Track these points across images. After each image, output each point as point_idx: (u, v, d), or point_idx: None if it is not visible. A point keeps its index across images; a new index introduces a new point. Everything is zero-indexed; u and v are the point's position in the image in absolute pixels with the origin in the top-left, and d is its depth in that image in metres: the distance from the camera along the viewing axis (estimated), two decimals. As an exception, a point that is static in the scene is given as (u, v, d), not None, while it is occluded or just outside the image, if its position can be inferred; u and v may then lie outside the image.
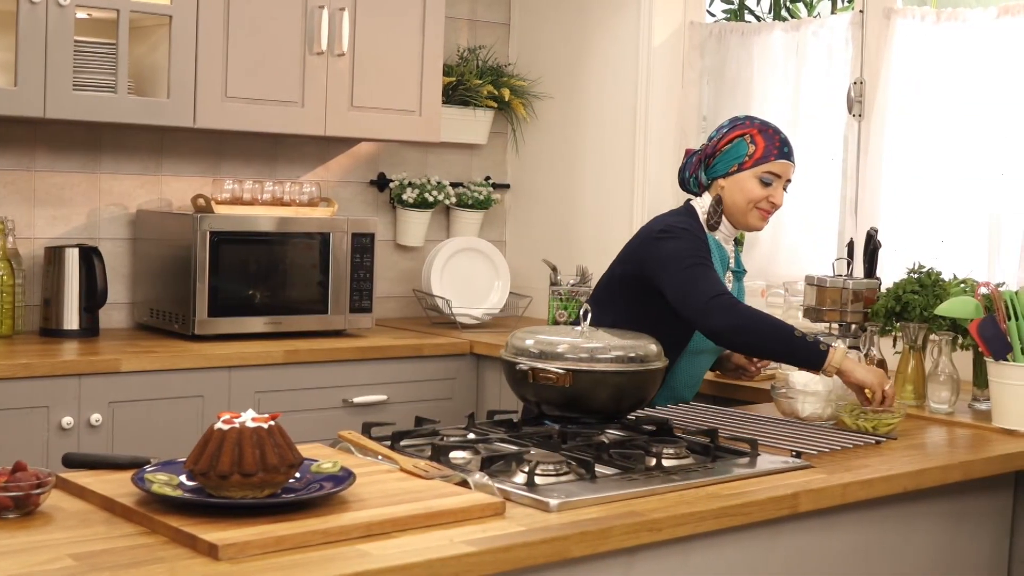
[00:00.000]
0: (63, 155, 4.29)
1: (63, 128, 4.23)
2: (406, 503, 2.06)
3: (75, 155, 4.31)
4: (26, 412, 3.58)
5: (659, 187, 4.82)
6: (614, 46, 4.93)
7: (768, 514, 2.31)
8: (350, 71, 4.42)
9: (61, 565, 1.76)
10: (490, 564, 1.92)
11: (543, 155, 5.24)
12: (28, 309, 4.17)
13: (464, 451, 2.44)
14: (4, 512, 1.98)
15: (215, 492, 2.00)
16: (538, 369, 2.71)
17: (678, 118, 4.84)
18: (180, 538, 1.87)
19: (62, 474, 2.20)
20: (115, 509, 2.03)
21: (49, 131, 4.24)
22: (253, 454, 1.98)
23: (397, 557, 1.84)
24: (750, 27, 4.73)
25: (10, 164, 4.19)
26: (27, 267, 4.18)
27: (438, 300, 4.75)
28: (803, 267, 4.12)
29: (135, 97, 4.04)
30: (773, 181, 3.20)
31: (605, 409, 2.76)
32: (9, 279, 4.03)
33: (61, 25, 3.82)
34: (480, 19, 5.27)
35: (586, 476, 2.32)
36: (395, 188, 4.95)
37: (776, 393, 3.08)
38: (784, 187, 3.24)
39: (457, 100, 5.01)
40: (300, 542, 1.87)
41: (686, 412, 3.10)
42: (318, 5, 4.32)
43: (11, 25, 3.78)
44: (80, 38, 3.91)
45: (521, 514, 2.10)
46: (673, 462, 2.46)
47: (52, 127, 4.21)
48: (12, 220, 4.11)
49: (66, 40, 3.83)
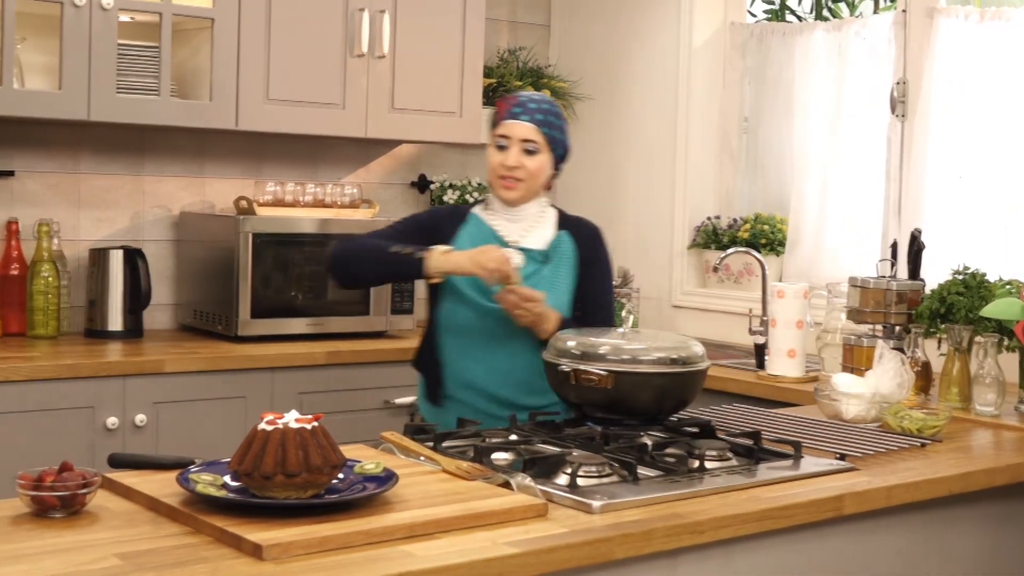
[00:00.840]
0: (107, 158, 4.32)
1: (107, 131, 4.26)
2: (449, 504, 2.07)
3: (119, 158, 4.34)
4: (72, 412, 3.61)
5: (700, 188, 4.81)
6: (655, 47, 4.92)
7: (812, 517, 2.30)
8: (391, 73, 4.43)
9: (107, 564, 1.77)
10: (533, 566, 1.91)
11: (583, 157, 5.23)
12: (73, 310, 4.21)
13: (506, 452, 2.44)
14: (51, 511, 1.99)
15: (259, 492, 2.01)
16: (580, 370, 2.71)
17: (719, 119, 4.82)
18: (224, 538, 1.88)
19: (108, 474, 2.21)
20: (160, 509, 2.04)
21: (93, 134, 4.27)
22: (297, 455, 1.99)
23: (440, 558, 1.84)
24: (792, 27, 4.71)
25: (55, 167, 4.22)
26: (72, 269, 4.22)
27: (479, 301, 4.74)
28: (846, 268, 4.09)
29: (178, 100, 4.07)
30: (506, 143, 3.03)
31: (647, 411, 2.75)
32: (55, 281, 4.06)
33: (105, 29, 3.85)
34: (520, 20, 5.27)
35: (628, 478, 2.31)
36: (436, 190, 4.95)
37: (820, 395, 3.06)
38: (526, 150, 3.02)
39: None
40: (344, 543, 1.88)
41: (729, 414, 3.09)
42: (359, 7, 4.33)
43: (55, 29, 3.81)
44: (123, 41, 3.94)
45: (563, 516, 2.10)
46: (716, 464, 2.45)
47: (96, 130, 4.24)
48: (57, 222, 4.15)
49: (110, 44, 3.86)
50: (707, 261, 4.75)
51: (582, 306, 3.07)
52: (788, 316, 3.70)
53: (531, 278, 2.99)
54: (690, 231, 4.81)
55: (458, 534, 1.96)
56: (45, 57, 3.98)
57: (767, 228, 4.58)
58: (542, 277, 3.03)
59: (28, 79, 3.98)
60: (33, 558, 1.79)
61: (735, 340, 4.48)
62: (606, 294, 3.16)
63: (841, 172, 4.39)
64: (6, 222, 4.11)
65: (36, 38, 3.97)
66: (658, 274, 4.89)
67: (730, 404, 3.35)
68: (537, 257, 3.05)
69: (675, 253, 4.84)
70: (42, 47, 3.98)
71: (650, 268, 4.89)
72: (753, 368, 3.92)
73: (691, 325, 4.67)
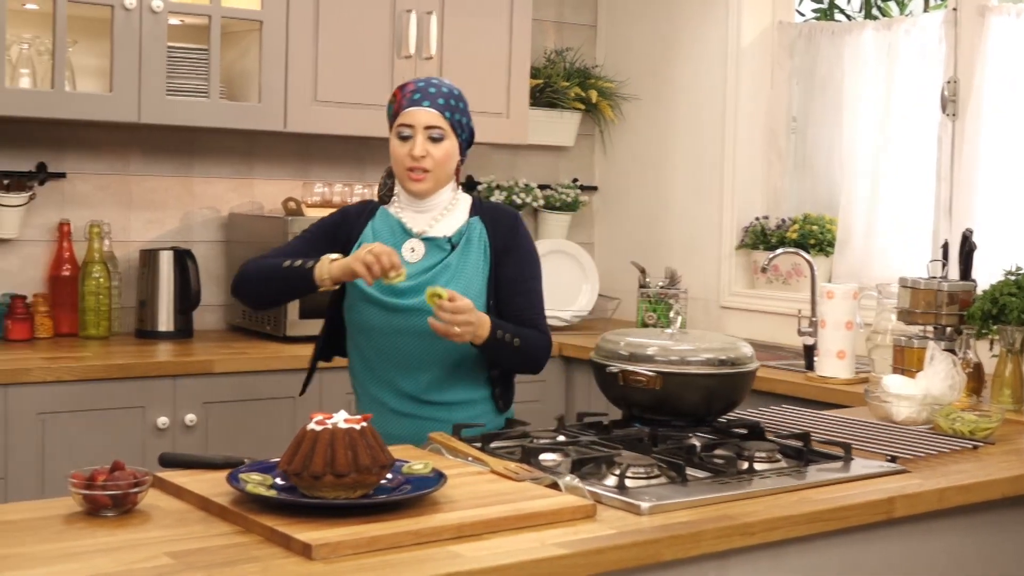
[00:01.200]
0: (157, 159, 4.36)
1: (157, 133, 4.30)
2: (497, 505, 2.07)
3: (168, 159, 4.38)
4: (123, 412, 3.64)
5: (748, 188, 4.79)
6: (702, 47, 4.90)
7: (863, 519, 2.28)
8: (438, 74, 4.44)
9: (158, 563, 1.78)
10: (581, 567, 1.91)
11: (631, 157, 5.22)
12: (124, 311, 4.24)
13: (554, 453, 2.44)
14: (103, 510, 2.01)
15: (308, 492, 2.01)
16: (628, 371, 2.70)
17: (767, 119, 4.80)
18: (274, 538, 1.89)
19: (159, 473, 2.23)
20: (211, 508, 2.05)
21: (143, 136, 4.30)
22: (346, 455, 2.00)
23: (489, 559, 1.84)
24: (840, 26, 4.68)
25: (106, 168, 4.26)
26: (123, 270, 4.25)
27: (526, 302, 4.74)
28: (897, 269, 4.06)
29: (227, 102, 4.09)
30: (409, 132, 2.86)
31: (695, 412, 2.73)
32: (106, 281, 4.10)
33: (155, 31, 3.88)
34: (567, 21, 5.27)
35: (677, 479, 2.30)
36: (483, 190, 4.96)
37: (870, 397, 3.04)
38: (431, 137, 2.85)
39: (544, 102, 5.01)
40: (392, 543, 1.88)
41: (778, 415, 3.07)
42: (406, 9, 4.34)
43: (106, 32, 3.84)
44: (173, 44, 3.97)
45: (612, 517, 2.09)
46: (765, 465, 2.44)
47: (146, 132, 4.27)
48: (108, 223, 4.18)
49: (159, 46, 3.89)
50: (755, 262, 4.73)
51: (499, 294, 2.92)
52: (838, 317, 3.67)
53: (436, 266, 2.87)
54: (738, 232, 4.79)
55: (506, 535, 1.96)
56: (96, 60, 4.02)
57: (816, 228, 4.55)
58: (447, 265, 2.88)
59: (80, 82, 4.02)
60: (85, 556, 1.81)
61: (783, 341, 4.46)
62: (527, 280, 2.96)
63: (891, 172, 4.35)
64: (58, 223, 4.15)
65: (87, 41, 4.01)
66: (706, 275, 4.87)
67: (779, 405, 3.34)
68: (443, 244, 2.90)
69: (723, 254, 4.82)
70: (93, 50, 4.02)
71: (698, 269, 4.87)
72: (802, 369, 3.90)
73: (739, 326, 4.65)
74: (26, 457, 3.50)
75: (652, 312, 4.58)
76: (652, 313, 4.58)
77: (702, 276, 4.87)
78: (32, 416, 3.51)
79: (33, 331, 4.02)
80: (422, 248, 2.89)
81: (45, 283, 4.15)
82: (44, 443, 3.52)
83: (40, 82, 3.91)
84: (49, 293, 4.12)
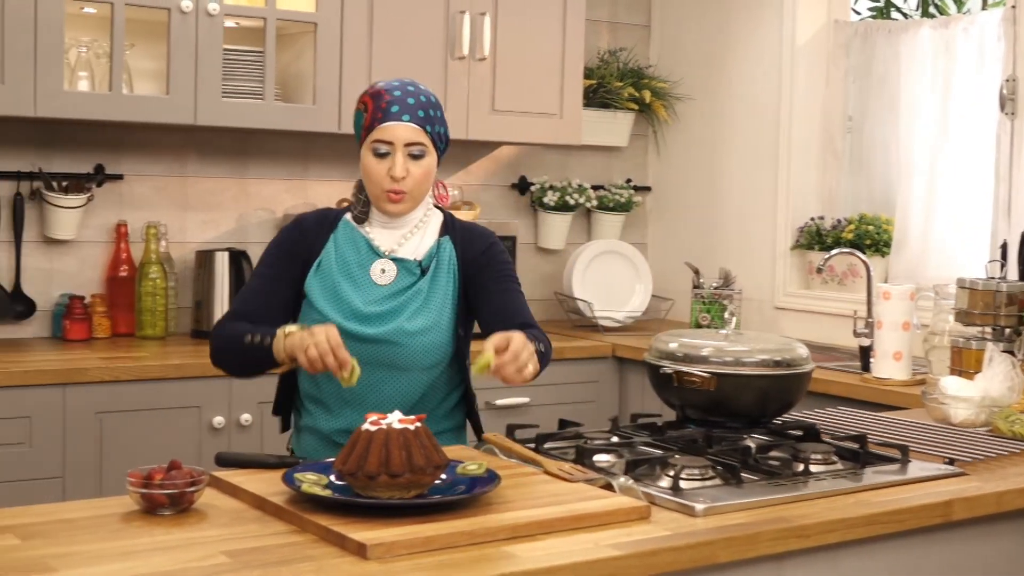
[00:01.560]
0: (212, 161, 4.39)
1: (213, 135, 4.33)
2: (551, 506, 2.06)
3: (224, 161, 4.41)
4: (179, 412, 3.67)
5: (803, 188, 4.76)
6: (757, 46, 4.88)
7: (920, 522, 2.26)
8: (491, 75, 4.44)
9: (214, 562, 1.79)
10: (636, 568, 1.90)
11: (685, 157, 5.21)
12: (180, 311, 4.28)
13: (608, 454, 2.43)
14: (160, 509, 2.02)
15: (363, 492, 2.02)
16: (682, 372, 2.69)
17: (823, 118, 4.77)
18: (329, 537, 1.90)
19: (215, 473, 2.24)
20: (266, 508, 2.07)
21: (199, 138, 4.34)
22: (400, 455, 2.00)
23: (543, 559, 1.84)
24: (897, 25, 4.64)
25: (163, 170, 4.30)
26: (179, 270, 4.29)
27: (580, 303, 4.75)
28: (954, 270, 4.02)
29: (282, 104, 4.12)
30: (388, 150, 2.57)
31: (750, 413, 2.72)
32: (162, 282, 4.14)
33: (210, 34, 3.91)
34: (621, 21, 5.26)
35: (732, 481, 2.29)
36: (536, 191, 4.96)
37: (927, 399, 3.01)
38: (411, 154, 2.58)
39: (598, 103, 5.00)
40: (447, 543, 1.88)
41: (833, 417, 3.05)
42: (459, 10, 4.35)
43: (163, 35, 3.88)
44: (229, 46, 4.00)
45: (666, 518, 2.08)
46: (821, 467, 2.42)
47: (202, 134, 4.31)
48: (165, 224, 4.22)
49: (215, 49, 3.92)
50: (810, 262, 4.69)
51: (478, 305, 2.67)
52: (894, 318, 3.64)
53: (406, 291, 2.62)
54: (793, 232, 4.76)
55: (560, 536, 1.96)
56: (153, 63, 4.06)
57: (872, 228, 4.52)
58: (418, 291, 2.62)
59: (137, 85, 4.05)
60: (142, 555, 1.82)
61: (839, 342, 4.43)
62: (507, 284, 2.69)
63: (949, 171, 4.31)
64: (115, 225, 4.19)
65: (144, 44, 4.05)
66: (760, 275, 4.84)
67: (834, 407, 3.31)
68: (413, 268, 2.64)
69: (778, 254, 4.80)
70: (150, 53, 4.06)
71: (752, 269, 4.85)
72: (858, 371, 3.87)
73: (794, 327, 4.62)
74: (84, 456, 3.54)
75: (706, 313, 4.56)
76: (706, 314, 4.56)
77: (756, 277, 4.85)
78: (90, 415, 3.55)
79: (91, 331, 4.06)
80: (393, 269, 2.64)
81: (103, 284, 4.19)
82: (102, 442, 3.56)
83: (98, 85, 3.95)
84: (106, 294, 4.16)
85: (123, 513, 2.03)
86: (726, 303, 4.56)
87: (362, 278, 2.63)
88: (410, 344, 2.59)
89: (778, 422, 2.78)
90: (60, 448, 3.51)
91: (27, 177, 4.04)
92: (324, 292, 2.62)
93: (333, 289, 2.61)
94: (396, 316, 2.59)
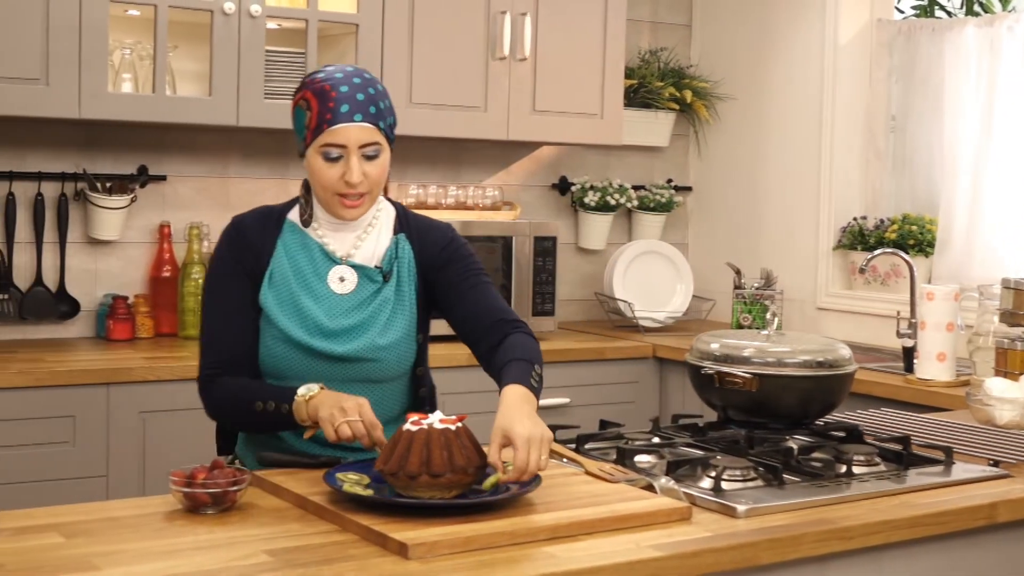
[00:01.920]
0: (255, 162, 4.41)
1: (255, 136, 4.35)
2: (592, 506, 2.06)
3: (266, 162, 4.43)
4: (220, 412, 3.68)
5: (846, 188, 4.73)
6: (799, 45, 4.85)
7: (964, 524, 2.25)
8: (532, 75, 4.44)
9: (257, 561, 1.80)
10: (677, 569, 1.90)
11: (726, 157, 5.19)
12: (222, 312, 4.29)
13: (649, 455, 2.43)
14: (203, 508, 2.04)
15: (404, 492, 2.03)
16: (724, 373, 2.68)
17: (865, 118, 4.74)
18: (371, 537, 1.90)
19: (257, 472, 2.25)
20: (308, 507, 2.07)
21: (241, 139, 4.36)
22: (441, 455, 2.01)
23: (584, 560, 1.84)
24: (941, 23, 4.61)
25: (205, 171, 4.32)
26: (221, 271, 4.30)
27: (620, 303, 4.74)
28: (999, 270, 3.99)
29: (323, 104, 4.13)
30: (340, 154, 2.37)
31: (792, 414, 2.71)
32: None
33: (253, 36, 3.93)
34: (662, 21, 5.24)
35: (773, 482, 2.28)
36: (577, 191, 4.95)
37: (971, 400, 2.98)
38: (368, 155, 2.38)
39: (639, 103, 4.99)
40: (488, 543, 1.88)
41: (876, 418, 3.03)
42: (500, 11, 4.35)
43: (205, 37, 3.90)
44: (271, 48, 4.02)
45: (708, 520, 2.08)
46: (864, 469, 2.41)
47: (244, 135, 4.33)
48: (207, 225, 4.24)
49: (258, 50, 3.94)
50: (853, 262, 4.67)
51: (446, 304, 2.51)
52: (938, 319, 3.61)
53: (372, 301, 2.46)
54: (835, 232, 4.73)
55: (601, 536, 1.96)
56: (196, 64, 4.08)
57: (916, 228, 4.49)
58: (385, 300, 2.47)
59: (180, 86, 4.08)
60: (185, 554, 1.84)
61: (882, 343, 4.40)
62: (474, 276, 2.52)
63: (993, 171, 4.27)
64: (158, 225, 4.22)
65: (187, 46, 4.07)
66: (802, 276, 4.82)
67: (877, 408, 3.29)
68: (374, 275, 2.47)
69: (820, 254, 4.77)
70: (193, 55, 4.08)
71: (794, 269, 4.82)
72: (901, 372, 3.84)
73: (836, 327, 4.60)
74: (127, 455, 3.56)
75: (747, 313, 4.54)
76: (747, 315, 4.54)
77: (798, 277, 4.82)
78: (133, 415, 3.57)
79: (134, 331, 4.09)
80: (353, 277, 2.46)
81: (146, 284, 4.22)
82: (145, 441, 3.58)
83: (141, 87, 3.98)
84: (150, 294, 4.19)
85: (166, 512, 2.05)
86: (768, 303, 4.54)
87: (320, 288, 2.45)
88: (383, 358, 2.45)
89: (820, 423, 2.77)
90: (104, 447, 3.53)
91: (71, 178, 4.07)
92: (283, 307, 2.43)
93: (292, 303, 2.43)
94: (366, 330, 2.44)
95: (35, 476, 3.45)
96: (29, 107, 3.65)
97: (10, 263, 3.97)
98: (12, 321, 4.00)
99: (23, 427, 3.44)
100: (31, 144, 4.04)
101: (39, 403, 3.46)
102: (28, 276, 4.03)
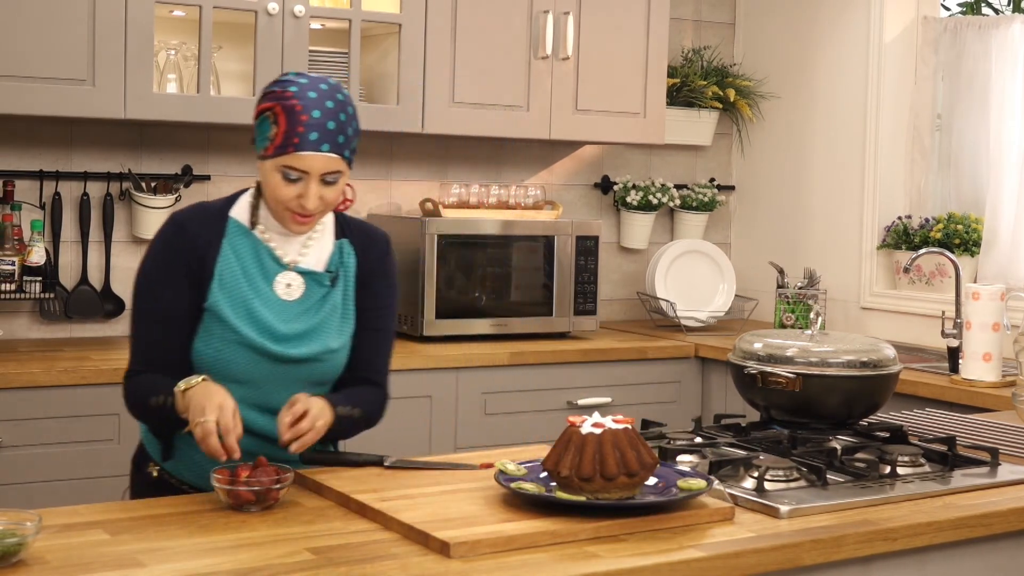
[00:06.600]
0: (298, 161, 4.42)
1: (298, 135, 4.36)
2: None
3: (309, 161, 4.44)
4: (264, 410, 3.70)
5: (891, 187, 4.69)
6: (843, 43, 4.82)
7: (1010, 526, 2.23)
8: (575, 74, 4.44)
9: (300, 559, 1.81)
10: (719, 570, 1.89)
11: (769, 156, 5.16)
12: (265, 310, 4.32)
13: (692, 455, 2.42)
14: (246, 506, 2.05)
15: (572, 494, 2.03)
16: (767, 373, 2.67)
17: (911, 116, 4.70)
18: (412, 535, 1.91)
19: (300, 471, 2.26)
20: (350, 505, 2.08)
21: (285, 138, 4.37)
22: (615, 456, 2.01)
23: (626, 560, 1.84)
24: (988, 20, 4.57)
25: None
26: (264, 270, 4.33)
27: (662, 303, 4.72)
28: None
29: (366, 104, 4.14)
30: (300, 177, 2.33)
31: (836, 415, 2.69)
32: (248, 281, 4.18)
33: (296, 36, 3.94)
34: (705, 19, 5.23)
35: (817, 483, 2.27)
36: (619, 190, 4.94)
37: (1018, 400, 2.96)
38: (327, 181, 2.35)
39: (681, 101, 4.98)
40: (529, 542, 1.89)
41: (921, 419, 3.01)
42: (543, 10, 4.35)
43: (249, 37, 3.92)
44: (314, 48, 4.04)
45: (750, 520, 2.07)
46: (908, 470, 2.39)
47: (288, 134, 4.34)
48: (250, 225, 4.26)
49: (301, 50, 3.96)
50: (897, 262, 4.63)
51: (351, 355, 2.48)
52: (984, 318, 3.58)
53: (322, 306, 2.44)
54: (880, 231, 4.70)
55: (643, 536, 1.95)
56: (240, 65, 4.10)
57: (961, 228, 4.45)
58: (334, 306, 2.45)
59: (224, 86, 4.10)
60: (229, 551, 1.85)
61: (927, 343, 4.36)
62: (382, 313, 2.52)
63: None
64: (203, 225, 4.24)
65: (231, 47, 4.10)
66: (846, 275, 4.79)
67: (922, 409, 3.27)
68: (322, 279, 2.45)
69: (864, 253, 4.74)
70: (237, 55, 4.10)
71: (838, 269, 4.79)
72: (946, 372, 3.81)
73: (881, 327, 4.57)
74: (172, 453, 3.58)
75: (790, 313, 4.52)
76: (790, 314, 4.52)
77: (842, 277, 4.79)
78: (178, 413, 3.59)
79: (179, 330, 4.12)
80: (299, 283, 2.43)
81: (190, 283, 4.24)
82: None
83: (186, 87, 4.00)
84: (194, 293, 4.21)
85: (210, 509, 2.06)
86: (811, 303, 4.51)
87: (267, 293, 2.40)
88: (332, 360, 2.44)
89: (864, 424, 2.75)
90: (149, 445, 3.56)
91: (116, 178, 4.10)
92: (235, 308, 2.36)
93: (244, 305, 2.37)
94: (319, 335, 2.42)
95: (81, 473, 3.48)
96: (75, 107, 3.68)
97: (56, 262, 4.01)
98: (58, 320, 4.04)
99: (68, 425, 3.48)
100: (77, 144, 4.08)
101: (84, 401, 3.49)
102: (74, 275, 4.06)
